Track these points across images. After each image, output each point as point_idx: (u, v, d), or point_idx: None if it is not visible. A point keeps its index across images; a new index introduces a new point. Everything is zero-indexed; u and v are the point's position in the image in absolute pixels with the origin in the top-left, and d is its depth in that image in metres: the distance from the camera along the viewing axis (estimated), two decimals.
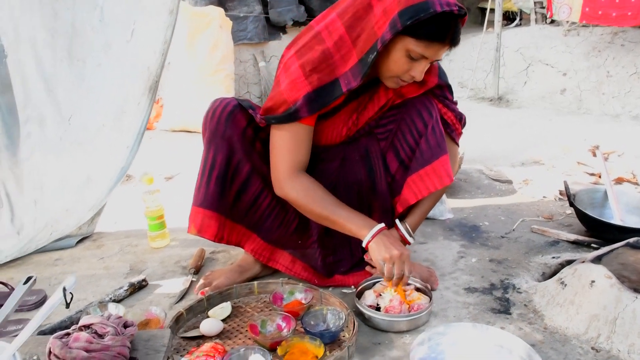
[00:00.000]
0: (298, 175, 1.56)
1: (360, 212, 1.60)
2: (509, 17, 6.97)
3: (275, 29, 5.36)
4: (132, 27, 1.89)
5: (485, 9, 5.38)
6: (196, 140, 3.96)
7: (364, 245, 1.52)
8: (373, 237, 1.50)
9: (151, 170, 2.99)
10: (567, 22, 5.01)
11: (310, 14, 5.46)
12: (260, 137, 1.64)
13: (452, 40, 1.42)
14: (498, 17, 5.01)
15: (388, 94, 1.63)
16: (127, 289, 1.72)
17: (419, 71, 1.45)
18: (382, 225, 1.53)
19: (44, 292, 1.74)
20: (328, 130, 1.65)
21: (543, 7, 5.58)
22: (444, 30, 1.38)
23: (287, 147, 1.54)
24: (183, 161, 3.33)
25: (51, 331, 1.42)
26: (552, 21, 5.31)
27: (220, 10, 4.36)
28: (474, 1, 8.30)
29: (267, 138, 1.61)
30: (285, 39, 5.39)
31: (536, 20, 6.14)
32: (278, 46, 5.33)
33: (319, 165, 1.70)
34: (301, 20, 5.40)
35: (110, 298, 1.67)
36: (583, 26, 5.14)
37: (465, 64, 5.92)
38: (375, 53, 1.40)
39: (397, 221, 1.70)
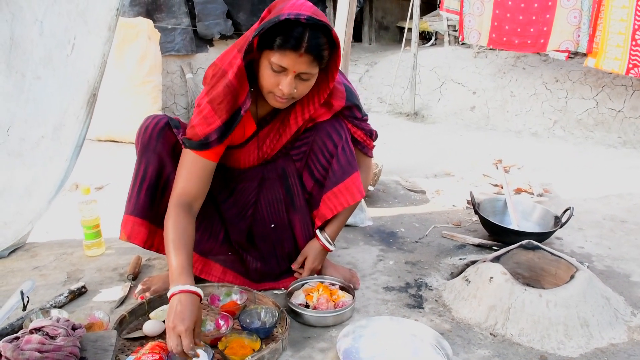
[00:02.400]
0: (178, 207, 1.56)
1: (282, 224, 1.77)
2: (425, 37, 7.42)
3: (202, 41, 5.43)
4: (72, 42, 1.94)
5: (404, 28, 5.72)
6: (123, 151, 3.99)
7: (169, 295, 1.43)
8: (171, 296, 1.40)
9: (81, 181, 3.01)
10: (477, 45, 5.43)
11: (238, 28, 5.57)
12: None
13: (309, 50, 1.43)
14: (415, 38, 5.34)
15: (298, 121, 1.74)
16: (67, 296, 1.76)
17: (285, 84, 1.48)
18: (184, 288, 1.39)
19: None
20: (244, 155, 1.78)
21: (456, 30, 5.99)
22: (294, 38, 1.41)
23: (183, 173, 1.60)
24: (112, 171, 3.34)
25: None
26: (463, 43, 5.72)
27: (149, 21, 4.38)
28: (393, 20, 8.74)
29: None
30: (212, 52, 5.47)
31: (449, 42, 6.59)
32: (205, 58, 5.40)
33: (239, 184, 1.83)
34: (228, 34, 5.50)
35: (52, 304, 1.71)
36: (490, 49, 5.60)
37: (384, 80, 6.24)
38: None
39: (317, 232, 1.85)
